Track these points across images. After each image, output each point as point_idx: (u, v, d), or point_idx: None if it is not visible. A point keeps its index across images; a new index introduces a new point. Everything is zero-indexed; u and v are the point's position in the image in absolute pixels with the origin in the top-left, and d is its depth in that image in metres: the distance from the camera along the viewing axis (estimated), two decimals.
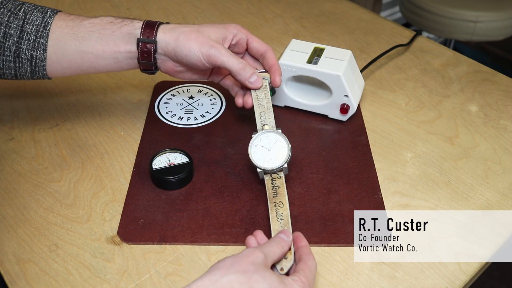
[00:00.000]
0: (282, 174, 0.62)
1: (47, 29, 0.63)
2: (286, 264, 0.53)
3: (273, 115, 0.66)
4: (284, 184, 0.62)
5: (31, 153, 0.71)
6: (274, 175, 0.62)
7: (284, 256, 0.52)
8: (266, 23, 1.02)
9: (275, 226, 0.57)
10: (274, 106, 0.78)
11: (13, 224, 0.61)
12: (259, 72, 0.69)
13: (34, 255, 0.58)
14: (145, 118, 0.77)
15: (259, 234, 0.54)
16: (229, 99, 0.81)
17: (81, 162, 0.70)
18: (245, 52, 0.71)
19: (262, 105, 0.67)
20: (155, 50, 0.65)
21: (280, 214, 0.58)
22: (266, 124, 0.65)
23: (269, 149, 0.63)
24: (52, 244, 0.59)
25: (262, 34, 0.98)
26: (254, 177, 0.66)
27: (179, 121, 0.77)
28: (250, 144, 0.63)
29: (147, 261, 0.57)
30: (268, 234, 0.56)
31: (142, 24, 0.64)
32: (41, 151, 0.71)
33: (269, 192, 0.61)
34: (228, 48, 0.67)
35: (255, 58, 0.71)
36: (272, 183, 0.61)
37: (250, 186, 0.66)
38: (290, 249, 0.53)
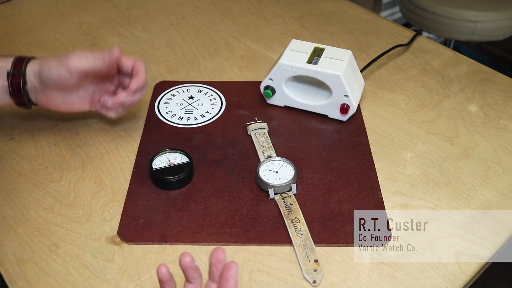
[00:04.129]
0: (291, 194, 0.64)
1: None
2: (317, 276, 0.55)
3: (273, 149, 0.70)
4: (296, 202, 0.63)
5: (31, 153, 0.71)
6: (284, 194, 0.64)
7: None
8: (266, 23, 1.02)
9: (296, 241, 0.58)
10: (274, 106, 0.79)
11: (13, 224, 0.61)
12: (258, 123, 0.74)
13: (34, 255, 0.58)
14: (145, 118, 0.77)
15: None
16: (229, 99, 0.81)
17: (81, 162, 0.70)
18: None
19: (263, 146, 0.71)
20: (25, 82, 0.65)
21: (298, 229, 0.59)
22: (270, 156, 0.68)
23: (276, 171, 0.65)
24: (52, 244, 0.59)
25: (262, 34, 0.98)
26: (254, 177, 0.67)
27: (179, 121, 0.77)
28: (258, 169, 0.66)
29: (147, 261, 0.57)
30: (290, 247, 0.56)
31: (14, 58, 0.65)
32: (41, 151, 0.71)
33: (283, 210, 0.62)
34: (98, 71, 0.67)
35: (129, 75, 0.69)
36: (284, 201, 0.63)
37: (250, 186, 0.66)
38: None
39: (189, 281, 0.47)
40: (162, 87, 0.84)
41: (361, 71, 0.82)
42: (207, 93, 0.82)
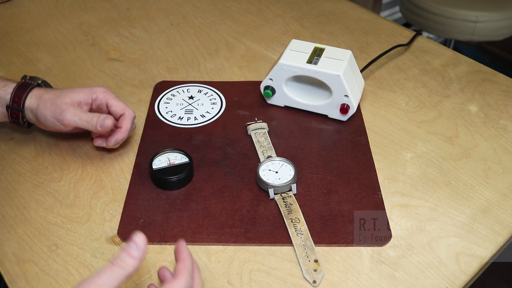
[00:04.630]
0: (291, 194, 0.64)
1: None
2: (317, 276, 0.55)
3: (273, 149, 0.70)
4: (296, 202, 0.63)
5: (31, 153, 0.71)
6: (284, 194, 0.64)
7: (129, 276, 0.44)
8: (266, 23, 1.02)
9: (296, 241, 0.58)
10: (274, 106, 0.79)
11: (13, 224, 0.61)
12: (258, 123, 0.74)
13: (34, 255, 0.58)
14: (145, 118, 0.77)
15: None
16: (229, 99, 0.81)
17: (81, 162, 0.70)
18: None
19: (263, 146, 0.71)
20: (23, 116, 0.68)
21: (298, 229, 0.59)
22: (270, 156, 0.68)
23: (276, 172, 0.65)
24: (52, 244, 0.59)
25: (262, 34, 0.98)
26: (254, 177, 0.67)
27: (179, 121, 0.77)
28: (258, 169, 0.66)
29: (147, 261, 0.57)
30: (290, 247, 0.56)
31: (13, 90, 0.67)
32: (41, 151, 0.71)
33: (283, 210, 0.62)
34: (90, 110, 0.69)
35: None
36: (284, 201, 0.63)
37: (250, 186, 0.66)
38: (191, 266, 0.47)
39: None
40: (162, 87, 0.84)
41: (361, 71, 0.82)
42: (207, 93, 0.82)
